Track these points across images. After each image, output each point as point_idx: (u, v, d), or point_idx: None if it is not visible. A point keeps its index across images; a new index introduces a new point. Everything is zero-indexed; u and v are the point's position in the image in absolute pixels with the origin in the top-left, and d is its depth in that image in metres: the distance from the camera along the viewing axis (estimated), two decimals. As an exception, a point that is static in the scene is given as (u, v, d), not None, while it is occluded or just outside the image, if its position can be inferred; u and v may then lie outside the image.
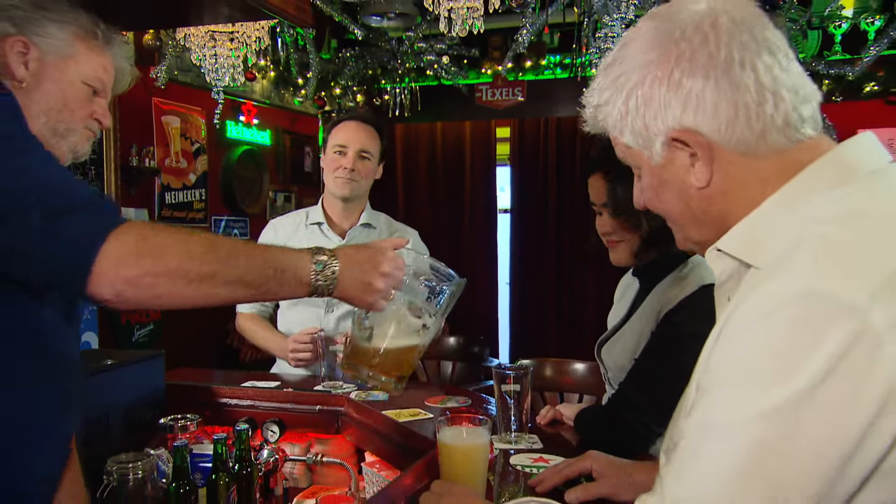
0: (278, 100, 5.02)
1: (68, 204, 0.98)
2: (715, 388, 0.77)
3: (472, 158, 5.66)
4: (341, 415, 1.91)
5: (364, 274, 1.18)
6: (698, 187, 0.89)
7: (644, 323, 1.62)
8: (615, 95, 0.91)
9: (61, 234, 0.95)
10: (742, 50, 0.83)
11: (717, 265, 0.92)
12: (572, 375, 2.46)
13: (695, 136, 0.86)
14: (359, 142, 2.30)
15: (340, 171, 2.29)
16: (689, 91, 0.85)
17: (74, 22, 1.20)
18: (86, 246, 0.96)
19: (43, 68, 1.16)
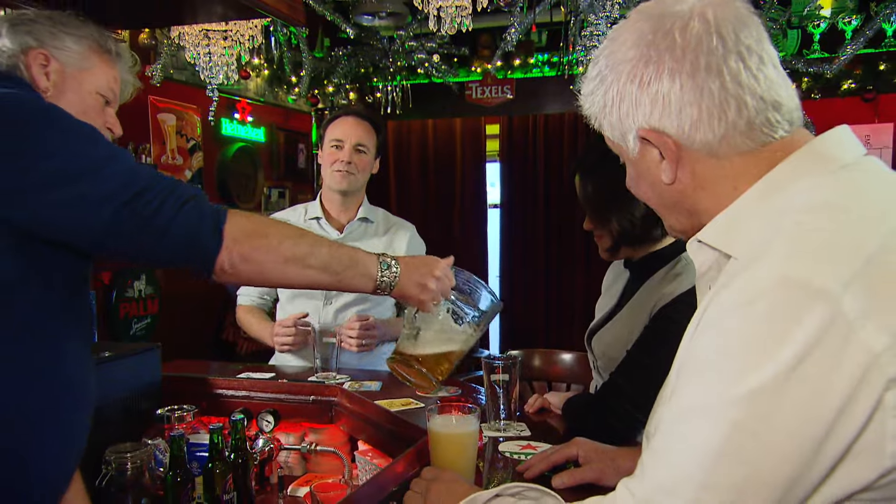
0: (272, 97, 5.01)
1: (190, 190, 1.11)
2: (694, 373, 0.78)
3: (463, 155, 5.66)
4: (335, 405, 1.91)
5: (421, 276, 1.37)
6: (666, 183, 0.91)
7: (637, 316, 1.63)
8: (598, 88, 0.93)
9: (192, 216, 1.09)
10: (709, 55, 0.84)
11: (698, 256, 0.93)
12: (560, 365, 2.47)
13: (660, 136, 0.88)
14: (355, 136, 2.29)
15: (338, 165, 2.29)
16: (656, 92, 0.86)
17: (90, 36, 1.29)
18: (214, 226, 1.11)
19: (64, 80, 1.24)
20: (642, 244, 1.68)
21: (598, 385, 1.79)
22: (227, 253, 1.12)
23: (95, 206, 1.04)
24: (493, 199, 5.84)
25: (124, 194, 1.05)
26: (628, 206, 1.60)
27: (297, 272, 1.20)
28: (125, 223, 1.05)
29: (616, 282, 1.86)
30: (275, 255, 1.17)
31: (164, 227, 1.07)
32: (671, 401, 0.82)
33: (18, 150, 1.03)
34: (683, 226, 0.96)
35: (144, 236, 1.06)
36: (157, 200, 1.07)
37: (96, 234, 1.05)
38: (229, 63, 3.01)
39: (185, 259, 1.12)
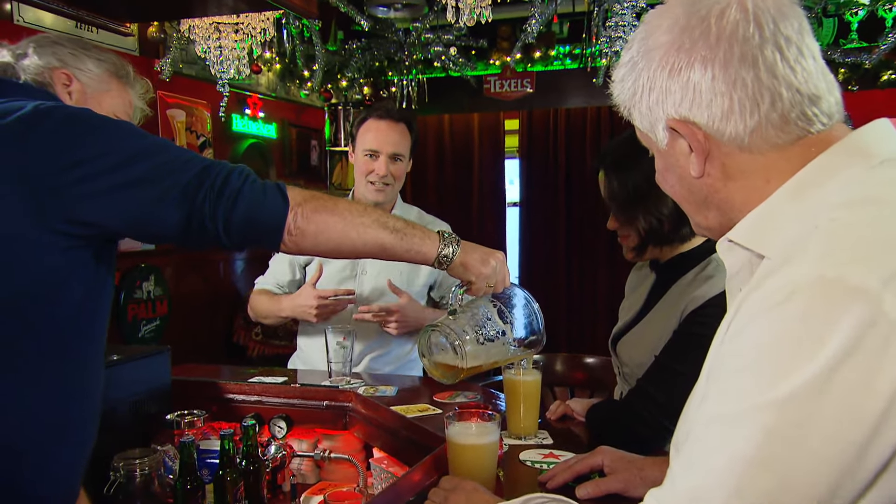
0: (284, 92, 5.03)
1: (245, 168, 1.21)
2: (725, 378, 0.77)
3: (481, 151, 5.65)
4: (349, 410, 1.92)
5: (481, 254, 1.47)
6: (694, 177, 0.90)
7: (666, 320, 1.62)
8: (629, 74, 0.92)
9: (257, 186, 1.19)
10: (744, 44, 0.83)
11: (728, 256, 0.92)
12: (583, 370, 2.46)
13: (689, 127, 0.87)
14: (390, 145, 2.26)
15: (373, 177, 2.27)
16: (687, 81, 0.85)
17: (109, 61, 1.41)
18: (279, 191, 1.22)
19: (85, 100, 1.35)
20: (671, 243, 1.67)
21: (623, 392, 1.78)
22: (293, 215, 1.22)
23: (173, 176, 1.14)
24: (512, 198, 5.82)
25: (194, 167, 1.15)
26: (656, 202, 1.59)
27: (357, 230, 1.29)
28: (200, 192, 1.14)
29: (641, 284, 1.85)
30: (334, 215, 1.27)
31: (236, 194, 1.16)
32: (701, 407, 0.81)
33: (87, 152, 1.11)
34: (711, 223, 0.95)
35: (219, 204, 1.15)
36: (223, 172, 1.17)
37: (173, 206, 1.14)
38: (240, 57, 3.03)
39: (257, 225, 1.20)
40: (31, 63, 1.33)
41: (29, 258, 1.10)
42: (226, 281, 4.48)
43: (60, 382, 1.17)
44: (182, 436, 1.55)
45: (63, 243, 1.11)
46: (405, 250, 1.36)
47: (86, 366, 1.22)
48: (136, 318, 3.71)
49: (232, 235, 1.19)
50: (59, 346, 1.16)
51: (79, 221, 1.11)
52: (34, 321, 1.12)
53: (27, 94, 1.23)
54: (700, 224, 0.98)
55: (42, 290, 1.12)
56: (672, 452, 0.89)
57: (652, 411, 1.49)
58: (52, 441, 1.17)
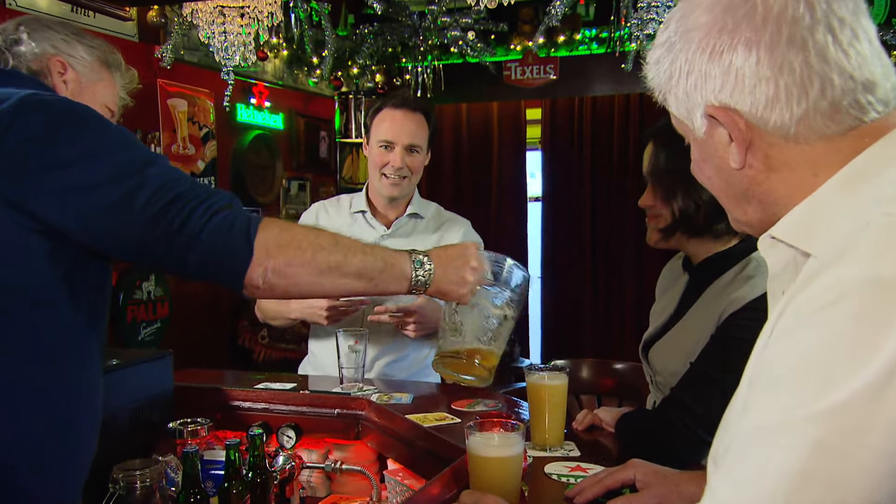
0: (291, 80, 5.04)
1: (224, 199, 1.18)
2: (768, 386, 0.76)
3: (501, 142, 5.65)
4: (362, 419, 1.91)
5: (457, 269, 1.46)
6: (735, 168, 0.89)
7: (702, 324, 1.60)
8: (665, 56, 0.91)
9: (222, 227, 1.15)
10: (792, 26, 0.81)
11: (770, 254, 0.91)
12: (611, 377, 2.45)
13: (730, 115, 0.86)
14: (407, 135, 2.26)
15: (388, 170, 2.27)
16: (729, 65, 0.84)
17: (99, 48, 1.41)
18: (245, 238, 1.16)
19: (81, 90, 1.36)
20: (699, 235, 1.66)
21: (656, 402, 1.77)
22: (259, 268, 1.18)
23: (137, 211, 1.12)
24: (534, 192, 5.81)
25: (161, 200, 1.13)
26: (699, 186, 1.58)
27: (332, 283, 1.27)
28: (157, 230, 1.12)
29: (673, 285, 1.83)
30: (309, 267, 1.23)
31: (192, 238, 1.13)
32: (743, 418, 0.80)
33: (68, 154, 1.12)
34: (751, 218, 0.94)
35: (174, 246, 1.13)
36: (186, 209, 1.13)
37: (133, 240, 1.14)
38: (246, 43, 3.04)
39: (214, 273, 1.19)
40: (27, 50, 1.32)
41: (15, 261, 1.12)
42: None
43: (58, 387, 1.18)
44: (185, 445, 1.56)
45: (45, 245, 1.13)
46: (379, 293, 1.39)
47: (84, 370, 1.23)
48: (136, 320, 3.74)
49: (190, 275, 1.19)
50: (55, 350, 1.17)
51: (42, 219, 1.12)
52: (29, 326, 1.14)
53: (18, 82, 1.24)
54: (738, 219, 0.97)
55: (34, 294, 1.14)
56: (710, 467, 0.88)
57: (688, 422, 1.47)
58: (51, 449, 1.18)
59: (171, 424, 1.68)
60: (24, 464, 1.17)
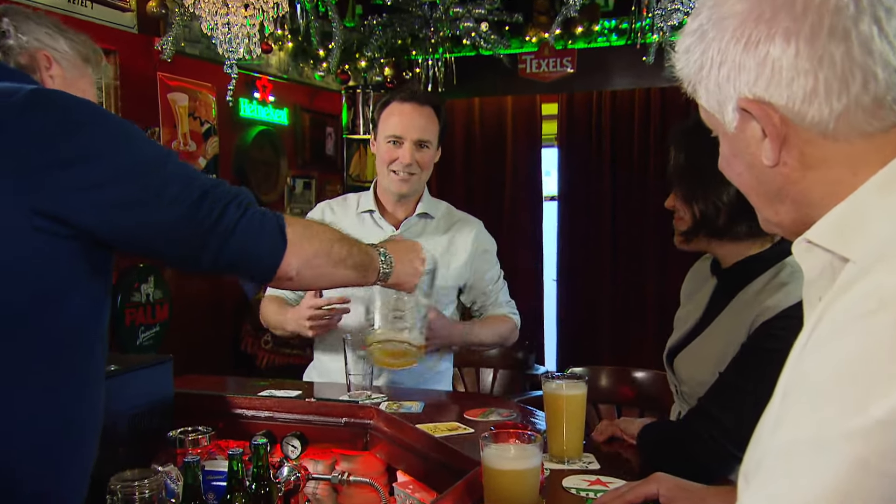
0: (297, 74, 5.05)
1: (248, 195, 1.28)
2: (804, 399, 0.75)
3: (515, 138, 5.63)
4: (370, 428, 1.92)
5: (411, 262, 1.67)
6: (768, 165, 0.88)
7: (731, 332, 1.59)
8: (696, 45, 0.90)
9: (255, 222, 1.26)
10: (835, 15, 0.80)
11: (806, 259, 0.89)
12: (632, 386, 2.44)
13: (764, 109, 0.84)
14: (416, 130, 2.26)
15: (396, 166, 2.27)
16: (765, 56, 0.83)
17: (81, 42, 1.42)
18: (280, 232, 1.29)
19: (66, 86, 1.35)
20: (720, 238, 1.65)
21: (681, 413, 1.76)
22: (293, 259, 1.31)
23: (166, 207, 1.19)
24: (550, 191, 5.80)
25: (190, 196, 1.20)
26: (718, 187, 1.58)
27: (342, 274, 1.44)
28: (191, 226, 1.20)
29: (700, 289, 1.82)
30: (328, 258, 1.40)
31: (227, 234, 1.23)
32: (776, 433, 0.79)
33: (84, 151, 1.16)
34: (783, 219, 0.93)
35: (209, 241, 1.22)
36: (220, 203, 1.23)
37: (165, 236, 1.21)
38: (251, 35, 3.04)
39: (246, 266, 1.30)
40: (16, 43, 1.32)
41: (28, 268, 1.14)
42: (232, 283, 4.51)
43: (65, 389, 1.22)
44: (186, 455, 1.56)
45: (60, 245, 1.15)
46: (361, 280, 1.56)
47: (90, 371, 1.27)
48: (134, 323, 3.75)
49: (221, 268, 1.28)
50: (62, 350, 1.20)
51: (64, 219, 1.15)
52: (38, 327, 1.17)
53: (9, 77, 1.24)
54: (770, 220, 0.96)
55: (45, 295, 1.17)
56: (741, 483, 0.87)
57: (715, 435, 1.46)
58: (56, 450, 1.21)
59: (172, 433, 1.69)
60: (29, 464, 1.19)
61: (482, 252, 2.44)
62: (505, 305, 2.50)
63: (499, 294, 2.49)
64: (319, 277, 1.41)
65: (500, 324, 2.45)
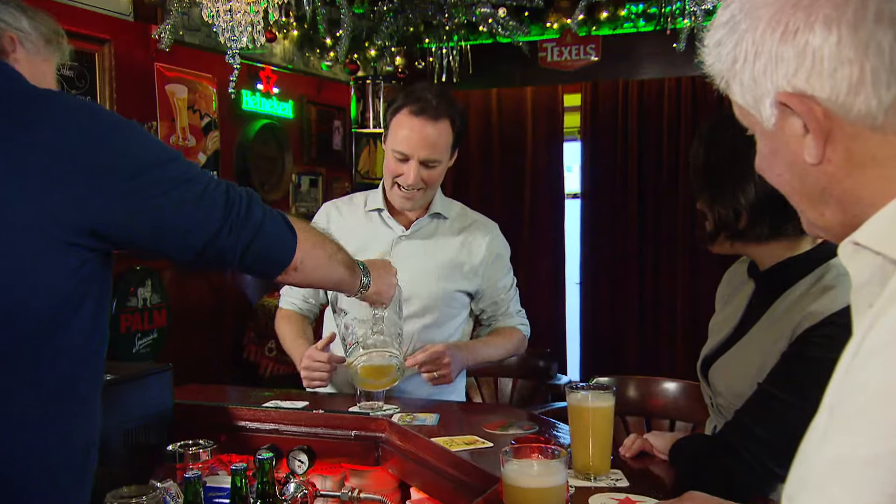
0: (302, 64, 5.07)
1: (258, 196, 1.42)
2: (854, 414, 0.75)
3: (535, 132, 5.63)
4: (382, 442, 1.92)
5: (387, 276, 1.90)
6: (811, 163, 0.87)
7: (772, 339, 1.58)
8: (727, 37, 0.90)
9: (275, 217, 1.43)
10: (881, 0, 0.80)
11: (854, 262, 0.89)
12: (662, 397, 2.43)
13: (806, 103, 0.84)
14: (424, 150, 2.25)
15: (401, 181, 2.28)
16: (804, 45, 0.82)
17: (43, 22, 1.40)
18: (290, 226, 1.46)
19: (31, 73, 1.33)
20: (743, 240, 1.65)
21: (716, 427, 1.75)
22: (300, 252, 1.46)
23: (203, 206, 1.30)
24: (572, 188, 5.79)
25: (220, 195, 1.33)
26: (736, 187, 1.58)
27: (336, 270, 1.63)
28: (225, 225, 1.32)
29: (736, 294, 1.81)
30: (323, 250, 1.57)
31: (258, 227, 1.37)
32: (823, 449, 0.78)
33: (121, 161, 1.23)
34: (829, 221, 0.92)
35: (242, 235, 1.34)
36: (244, 199, 1.36)
37: (196, 233, 1.31)
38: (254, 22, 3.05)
39: (271, 258, 1.44)
40: None
41: (57, 281, 1.21)
42: (234, 287, 4.53)
43: (70, 398, 1.27)
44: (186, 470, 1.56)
45: (77, 260, 1.21)
46: (349, 284, 1.74)
47: (96, 379, 1.33)
48: (130, 329, 3.77)
49: (245, 264, 1.39)
50: (73, 370, 1.26)
51: (101, 234, 1.22)
52: (60, 345, 1.23)
53: None
54: (815, 223, 0.95)
55: (66, 314, 1.23)
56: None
57: (754, 451, 1.45)
58: (61, 461, 1.27)
59: (171, 447, 1.70)
60: (35, 476, 1.24)
61: (496, 257, 2.43)
62: (515, 316, 2.51)
63: (510, 303, 2.49)
64: (316, 269, 1.55)
65: (509, 339, 2.46)
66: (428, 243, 2.39)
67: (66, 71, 3.39)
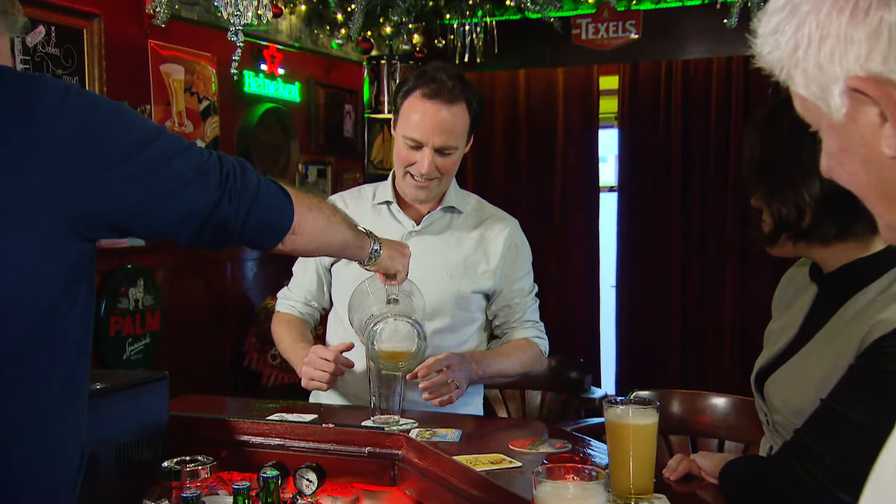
0: (311, 42, 5.08)
1: (248, 163, 1.48)
2: None
3: (567, 118, 5.62)
4: (398, 460, 1.92)
5: (398, 246, 1.97)
6: (890, 156, 0.85)
7: (837, 350, 1.57)
8: (785, 22, 0.88)
9: (270, 184, 1.50)
10: None
11: None
12: (709, 413, 2.42)
13: (883, 88, 0.82)
14: (439, 137, 2.25)
15: (413, 170, 2.29)
16: (878, 24, 0.81)
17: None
18: (283, 190, 1.53)
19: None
20: (807, 241, 1.63)
21: (773, 447, 1.74)
22: (297, 213, 1.53)
23: (205, 177, 1.36)
24: (608, 180, 5.77)
25: (213, 157, 1.39)
26: (797, 182, 1.56)
27: (338, 231, 1.70)
28: (224, 196, 1.37)
29: (796, 299, 1.80)
30: (320, 211, 1.64)
31: (256, 191, 1.43)
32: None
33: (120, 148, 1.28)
34: None
35: (242, 200, 1.40)
36: (237, 166, 1.42)
37: (209, 205, 1.36)
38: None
39: (271, 223, 1.50)
40: None
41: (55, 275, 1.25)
42: (234, 287, 4.56)
43: (60, 402, 1.30)
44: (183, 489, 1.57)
45: (75, 253, 1.26)
46: (357, 246, 1.79)
47: (83, 383, 1.36)
48: (121, 334, 3.79)
49: (245, 233, 1.44)
50: (68, 374, 1.31)
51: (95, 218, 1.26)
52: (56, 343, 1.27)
53: None
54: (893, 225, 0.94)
55: (64, 309, 1.27)
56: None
57: (816, 475, 1.44)
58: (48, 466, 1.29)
59: (166, 463, 1.70)
60: (27, 484, 1.27)
61: (514, 255, 2.42)
62: (531, 327, 2.47)
63: (526, 311, 2.46)
64: (316, 230, 1.62)
65: (522, 351, 2.42)
66: (440, 239, 2.39)
67: (52, 49, 3.41)
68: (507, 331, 2.46)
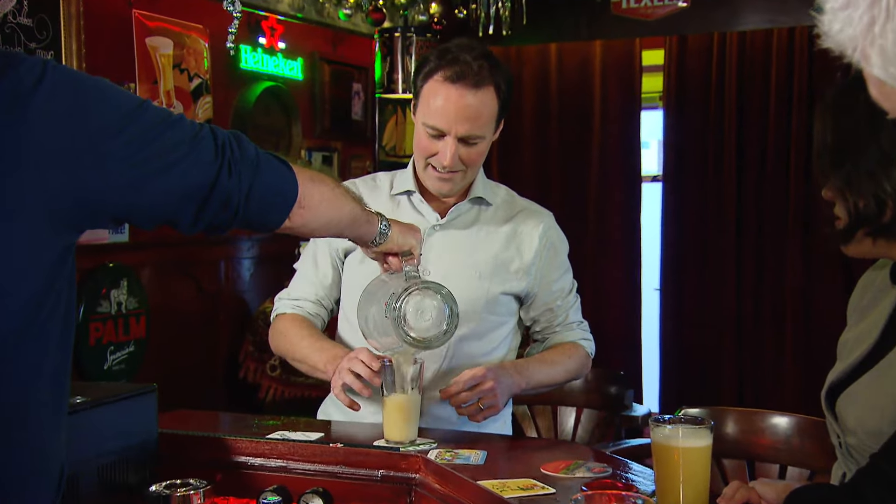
0: (315, 13, 5.09)
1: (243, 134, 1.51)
2: None
3: (605, 98, 5.63)
4: (415, 484, 1.92)
5: (407, 225, 2.02)
6: None
7: None
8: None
9: (269, 155, 1.54)
10: None
11: None
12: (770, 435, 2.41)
13: None
14: (463, 124, 2.24)
15: (435, 161, 2.28)
16: None
17: None
18: (285, 163, 1.57)
19: None
20: (888, 236, 1.62)
21: (846, 474, 1.73)
22: (301, 185, 1.57)
23: (200, 148, 1.39)
24: (651, 168, 5.75)
25: (205, 129, 1.42)
26: (876, 170, 1.55)
27: (344, 204, 1.75)
28: (223, 170, 1.41)
29: (875, 305, 1.79)
30: (322, 184, 1.68)
31: (256, 161, 1.47)
32: None
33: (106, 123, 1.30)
34: None
35: (244, 172, 1.44)
36: (231, 137, 1.45)
37: (209, 178, 1.39)
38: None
39: (275, 196, 1.54)
40: None
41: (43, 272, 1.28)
42: (228, 289, 4.57)
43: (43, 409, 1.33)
44: (173, 517, 1.57)
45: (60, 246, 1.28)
46: (366, 221, 1.85)
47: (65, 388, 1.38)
48: (101, 341, 3.80)
49: (250, 210, 1.47)
50: (55, 368, 1.33)
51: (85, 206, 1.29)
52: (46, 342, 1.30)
53: None
54: None
55: (54, 306, 1.30)
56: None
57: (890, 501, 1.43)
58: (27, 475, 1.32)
59: (154, 487, 1.71)
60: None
61: (552, 253, 2.42)
62: (577, 328, 2.47)
63: (569, 311, 2.46)
64: (323, 202, 1.66)
65: (568, 357, 2.42)
66: (467, 234, 2.39)
67: (24, 19, 3.42)
68: (550, 335, 2.47)
